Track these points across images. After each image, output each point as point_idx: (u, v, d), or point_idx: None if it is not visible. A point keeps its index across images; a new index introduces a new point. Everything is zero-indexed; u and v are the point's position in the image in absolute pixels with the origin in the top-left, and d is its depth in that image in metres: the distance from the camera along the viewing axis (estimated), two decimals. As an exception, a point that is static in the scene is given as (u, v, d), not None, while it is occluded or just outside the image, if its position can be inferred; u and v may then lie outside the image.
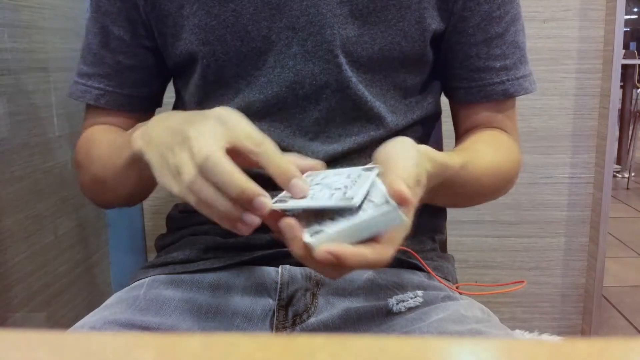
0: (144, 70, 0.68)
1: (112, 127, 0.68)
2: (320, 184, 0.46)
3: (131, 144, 0.50)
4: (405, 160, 0.46)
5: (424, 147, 0.50)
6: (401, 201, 0.41)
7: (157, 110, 0.72)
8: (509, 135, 0.69)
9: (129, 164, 0.53)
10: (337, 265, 0.41)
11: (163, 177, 0.45)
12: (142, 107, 0.70)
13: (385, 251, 0.43)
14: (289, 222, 0.43)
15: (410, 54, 0.63)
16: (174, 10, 0.62)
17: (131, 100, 0.68)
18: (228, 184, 0.42)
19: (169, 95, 0.74)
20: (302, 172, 0.47)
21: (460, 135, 0.71)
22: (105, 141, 0.64)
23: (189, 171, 0.43)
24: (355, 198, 0.41)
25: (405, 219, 0.42)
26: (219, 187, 0.42)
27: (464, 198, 0.66)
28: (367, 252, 0.42)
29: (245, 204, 0.42)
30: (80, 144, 0.68)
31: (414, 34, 0.62)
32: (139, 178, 0.55)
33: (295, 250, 0.43)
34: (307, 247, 0.42)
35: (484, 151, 0.63)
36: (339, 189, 0.44)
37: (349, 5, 0.60)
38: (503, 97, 0.67)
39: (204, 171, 0.42)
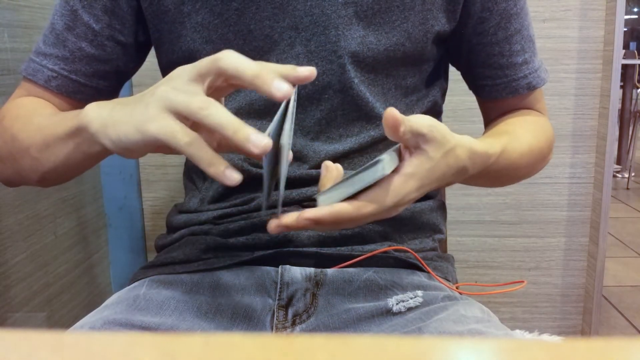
0: (106, 63, 0.65)
1: (51, 104, 0.65)
2: None
3: (79, 115, 0.48)
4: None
5: (465, 138, 0.51)
6: (392, 121, 0.44)
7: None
8: (539, 113, 0.72)
9: (68, 136, 0.51)
10: (321, 225, 0.45)
11: (134, 123, 0.43)
12: (92, 99, 0.65)
13: (363, 206, 0.45)
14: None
15: (412, 54, 0.63)
16: (173, 6, 0.62)
17: (83, 89, 0.65)
18: (225, 124, 0.41)
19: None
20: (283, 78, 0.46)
21: (490, 121, 0.74)
22: (44, 111, 0.61)
23: (201, 99, 0.42)
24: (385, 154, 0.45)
25: (385, 171, 0.44)
26: (214, 129, 0.41)
27: (501, 181, 0.68)
28: (344, 208, 0.45)
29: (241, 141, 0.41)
30: (9, 108, 0.64)
31: (417, 35, 0.62)
32: (71, 154, 0.52)
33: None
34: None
35: (521, 134, 0.65)
36: None
37: (353, 6, 0.60)
38: (528, 91, 0.69)
39: (201, 119, 0.41)
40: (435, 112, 0.71)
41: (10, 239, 0.95)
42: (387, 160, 0.44)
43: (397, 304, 0.58)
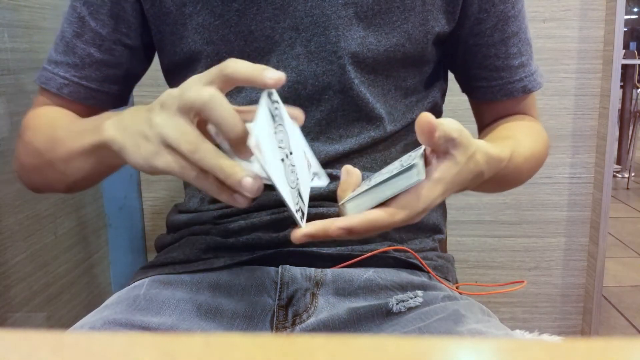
0: (115, 67, 0.66)
1: (71, 113, 0.66)
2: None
3: (99, 131, 0.49)
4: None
5: (482, 142, 0.51)
6: (427, 127, 0.43)
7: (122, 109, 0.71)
8: (533, 118, 0.72)
9: (91, 151, 0.52)
10: (354, 234, 0.44)
11: (141, 155, 0.45)
12: (105, 103, 0.68)
13: (396, 213, 0.45)
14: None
15: (412, 55, 0.63)
16: (174, 8, 0.62)
17: (95, 94, 0.67)
18: (226, 121, 0.42)
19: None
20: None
21: (484, 125, 0.74)
22: (64, 123, 0.62)
23: (188, 140, 0.42)
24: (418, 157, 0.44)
25: (420, 176, 0.43)
26: (219, 127, 0.42)
27: (505, 185, 0.68)
28: (379, 216, 0.44)
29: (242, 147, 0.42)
30: (31, 120, 0.65)
31: (417, 36, 0.62)
32: (94, 167, 0.54)
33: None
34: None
35: (523, 139, 0.65)
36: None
37: (353, 7, 0.60)
38: (523, 94, 0.69)
39: (205, 111, 0.42)
40: (436, 112, 0.71)
41: (10, 239, 0.95)
42: (420, 166, 0.44)
43: (397, 304, 0.58)
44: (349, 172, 0.49)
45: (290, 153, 0.46)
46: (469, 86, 0.72)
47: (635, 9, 8.41)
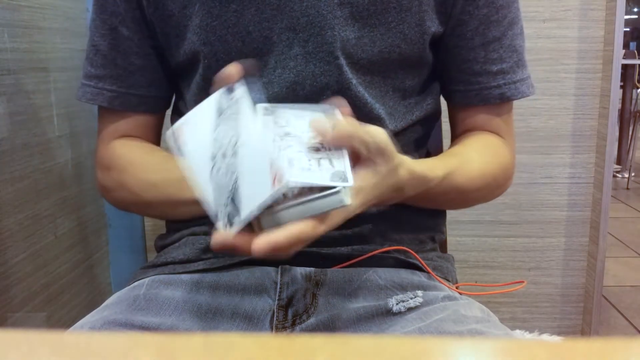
0: (154, 70, 0.67)
1: (144, 144, 0.69)
2: (290, 135, 0.45)
3: None
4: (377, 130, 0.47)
5: (407, 158, 0.51)
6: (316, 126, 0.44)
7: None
8: (503, 140, 0.69)
9: (193, 201, 0.47)
10: (279, 250, 0.42)
11: None
12: (155, 107, 0.70)
13: (318, 225, 0.44)
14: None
15: (409, 56, 0.63)
16: (177, 10, 0.62)
17: (144, 100, 0.68)
18: None
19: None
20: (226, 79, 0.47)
21: (455, 136, 0.72)
22: (144, 163, 0.66)
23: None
24: (350, 179, 0.42)
25: (344, 203, 0.43)
26: None
27: (448, 204, 0.68)
28: (301, 229, 0.42)
29: None
30: (106, 164, 0.68)
31: (413, 37, 0.62)
32: (200, 210, 0.48)
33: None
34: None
35: (472, 158, 0.64)
36: (320, 157, 0.44)
37: (349, 7, 0.60)
38: (500, 101, 0.67)
39: None
40: (435, 113, 0.71)
41: (10, 239, 0.95)
42: (345, 191, 0.42)
43: (397, 304, 0.58)
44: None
45: (234, 154, 0.43)
46: (447, 89, 0.70)
47: (635, 9, 8.41)
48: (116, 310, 0.57)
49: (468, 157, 0.64)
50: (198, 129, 0.41)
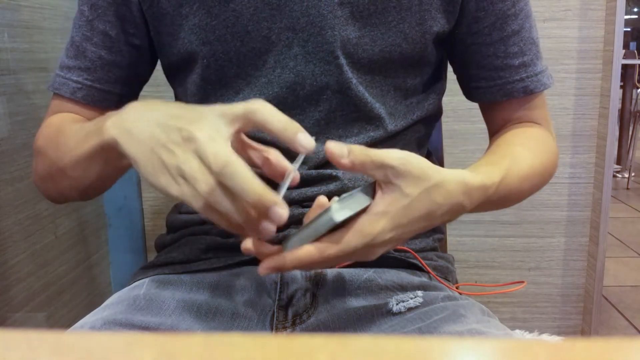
0: (126, 68, 0.67)
1: (79, 117, 0.67)
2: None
3: (102, 131, 0.48)
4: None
5: (459, 172, 0.49)
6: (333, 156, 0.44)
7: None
8: (542, 127, 0.69)
9: (96, 153, 0.51)
10: (285, 269, 0.46)
11: (157, 177, 0.43)
12: (118, 104, 0.66)
13: (326, 248, 0.45)
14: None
15: (411, 56, 0.63)
16: (171, 9, 0.62)
17: (108, 96, 0.67)
18: (247, 191, 0.40)
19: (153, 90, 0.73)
20: (279, 172, 0.48)
21: (493, 132, 0.72)
22: (71, 129, 0.61)
23: (206, 180, 0.41)
24: (341, 197, 0.44)
25: (334, 220, 0.43)
26: (236, 194, 0.41)
27: (503, 205, 0.66)
28: (308, 251, 0.45)
29: (261, 211, 0.41)
30: (42, 129, 0.66)
31: (414, 36, 0.62)
32: (103, 169, 0.53)
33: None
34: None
35: (523, 156, 0.62)
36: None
37: (349, 6, 0.60)
38: (524, 95, 0.67)
39: (222, 178, 0.41)
40: (436, 113, 0.71)
41: (10, 239, 0.95)
42: (336, 209, 0.42)
43: (397, 304, 0.58)
44: (318, 205, 0.49)
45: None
46: (469, 87, 0.70)
47: (635, 9, 8.41)
48: (116, 310, 0.57)
49: (517, 155, 0.62)
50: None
